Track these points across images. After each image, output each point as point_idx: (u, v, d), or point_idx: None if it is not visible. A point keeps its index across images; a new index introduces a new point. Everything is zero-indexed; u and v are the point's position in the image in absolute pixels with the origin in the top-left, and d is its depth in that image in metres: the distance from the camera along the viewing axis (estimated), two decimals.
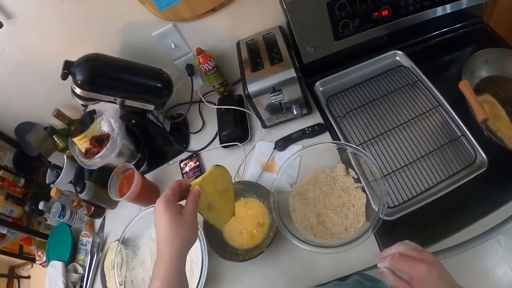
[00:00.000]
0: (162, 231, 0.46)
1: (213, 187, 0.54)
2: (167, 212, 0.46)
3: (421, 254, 0.45)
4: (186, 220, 0.47)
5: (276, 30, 0.82)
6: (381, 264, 0.49)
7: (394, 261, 0.46)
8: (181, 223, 0.46)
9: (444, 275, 0.44)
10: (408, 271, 0.44)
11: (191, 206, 0.49)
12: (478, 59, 0.78)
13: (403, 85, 0.79)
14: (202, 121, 0.93)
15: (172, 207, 0.47)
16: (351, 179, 0.69)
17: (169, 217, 0.46)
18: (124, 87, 0.78)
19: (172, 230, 0.45)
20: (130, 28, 0.81)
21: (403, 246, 0.48)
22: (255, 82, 0.72)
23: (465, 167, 0.69)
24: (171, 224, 0.45)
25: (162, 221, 0.46)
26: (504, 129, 0.74)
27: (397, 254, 0.47)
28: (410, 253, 0.46)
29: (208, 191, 0.53)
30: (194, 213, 0.49)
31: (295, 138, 0.79)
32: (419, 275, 0.43)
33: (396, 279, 0.46)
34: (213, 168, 0.55)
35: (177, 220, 0.46)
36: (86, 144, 0.86)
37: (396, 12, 0.79)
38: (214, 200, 0.55)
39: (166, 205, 0.47)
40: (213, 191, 0.54)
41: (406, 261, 0.45)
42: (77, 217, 0.91)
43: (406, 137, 0.73)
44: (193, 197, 0.49)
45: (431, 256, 0.45)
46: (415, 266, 0.44)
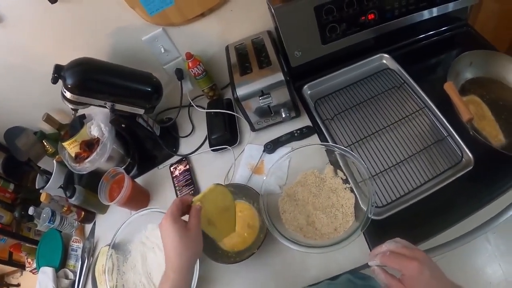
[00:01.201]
0: (170, 243, 0.49)
1: (213, 204, 0.57)
2: (175, 227, 0.49)
3: (413, 252, 0.45)
4: (193, 235, 0.50)
5: (264, 34, 0.83)
6: (372, 262, 0.49)
7: (385, 259, 0.46)
8: (189, 238, 0.50)
9: (435, 272, 0.44)
10: (399, 269, 0.44)
11: (194, 221, 0.52)
12: (463, 61, 0.80)
13: (389, 88, 0.81)
14: (191, 125, 0.94)
15: (179, 222, 0.50)
16: (340, 180, 0.70)
17: (177, 231, 0.49)
18: (114, 91, 0.78)
19: (181, 243, 0.49)
20: (120, 33, 0.82)
21: (394, 244, 0.48)
22: (244, 86, 0.72)
23: (451, 167, 0.70)
24: (180, 238, 0.49)
25: (170, 235, 0.49)
26: (489, 129, 0.75)
27: (388, 252, 0.47)
28: (401, 251, 0.46)
29: (208, 207, 0.55)
30: (198, 227, 0.52)
31: (284, 141, 0.79)
32: (410, 273, 0.43)
33: (387, 277, 0.46)
34: (213, 186, 0.57)
35: (185, 234, 0.49)
36: (76, 149, 0.86)
37: (383, 16, 0.80)
38: (213, 216, 0.58)
39: (173, 220, 0.50)
40: (213, 208, 0.57)
41: (397, 258, 0.45)
42: (67, 222, 0.91)
43: (394, 138, 0.75)
44: (195, 212, 0.53)
45: (422, 254, 0.46)
46: (406, 263, 0.44)
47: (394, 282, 0.45)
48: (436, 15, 0.84)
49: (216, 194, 0.57)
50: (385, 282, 0.47)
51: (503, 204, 0.81)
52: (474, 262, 1.30)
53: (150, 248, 0.77)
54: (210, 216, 0.57)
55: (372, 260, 0.49)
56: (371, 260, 0.49)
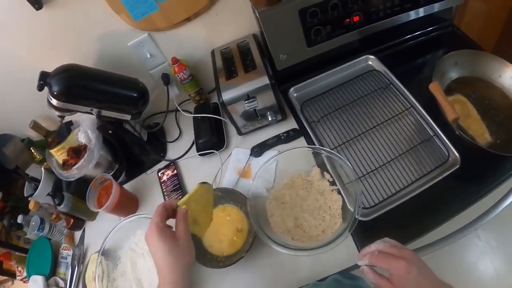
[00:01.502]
0: (161, 259, 0.46)
1: (197, 203, 0.55)
2: (162, 240, 0.46)
3: (401, 251, 0.46)
4: (182, 244, 0.47)
5: (250, 38, 0.83)
6: (361, 262, 0.49)
7: (373, 258, 0.46)
8: (178, 249, 0.46)
9: (424, 271, 0.44)
10: (387, 268, 0.45)
11: (182, 228, 0.49)
12: (448, 61, 0.81)
13: (376, 89, 0.81)
14: (179, 129, 0.93)
15: (166, 233, 0.47)
16: (327, 182, 0.70)
17: (165, 245, 0.46)
18: (100, 97, 0.77)
19: (171, 257, 0.46)
20: (106, 38, 0.81)
21: (383, 244, 0.48)
22: (229, 90, 0.72)
23: (438, 166, 0.70)
24: (169, 251, 0.46)
25: (159, 250, 0.46)
26: (475, 127, 0.76)
27: (376, 252, 0.47)
28: (389, 250, 0.46)
29: (193, 207, 0.54)
30: (187, 234, 0.49)
31: (271, 144, 0.79)
32: (398, 272, 0.43)
33: (376, 277, 0.46)
34: (198, 186, 0.56)
35: (174, 246, 0.46)
36: (63, 156, 0.85)
37: (367, 18, 0.81)
38: (198, 214, 0.56)
39: (159, 233, 0.46)
40: (198, 207, 0.55)
41: (385, 258, 0.45)
42: (56, 229, 0.90)
43: (380, 139, 0.75)
44: (182, 217, 0.50)
45: (410, 253, 0.46)
46: (394, 263, 0.44)
47: (382, 281, 0.45)
48: (421, 15, 0.85)
49: (200, 192, 0.56)
50: (374, 282, 0.47)
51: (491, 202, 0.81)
52: (465, 259, 1.31)
53: (140, 254, 0.77)
54: (195, 216, 0.55)
55: (361, 260, 0.49)
56: (360, 260, 0.49)
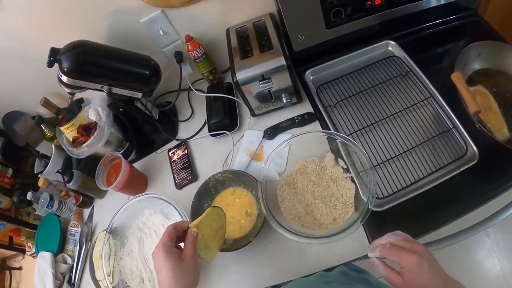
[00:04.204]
0: (164, 279, 0.46)
1: (209, 227, 0.55)
2: (168, 260, 0.46)
3: (412, 245, 0.45)
4: (187, 266, 0.47)
5: (266, 17, 0.80)
6: (371, 254, 0.49)
7: (384, 251, 0.46)
8: (183, 270, 0.46)
9: (434, 266, 0.44)
10: (398, 262, 0.44)
11: (190, 250, 0.48)
12: (471, 51, 0.77)
13: (394, 76, 0.78)
14: (191, 109, 0.92)
15: (172, 253, 0.47)
16: (340, 169, 0.69)
17: (170, 264, 0.46)
18: (111, 74, 0.76)
19: (174, 277, 0.45)
20: (118, 15, 0.79)
21: (394, 237, 0.48)
22: (244, 70, 0.70)
23: (455, 160, 0.68)
24: (173, 272, 0.45)
25: (163, 268, 0.46)
26: (494, 121, 0.73)
27: (387, 244, 0.47)
28: (401, 244, 0.46)
29: (205, 231, 0.53)
30: (194, 257, 0.49)
31: (284, 127, 0.77)
32: (409, 266, 0.43)
33: (386, 269, 0.46)
34: (210, 210, 0.56)
35: (179, 267, 0.46)
36: (73, 133, 0.85)
37: (390, 1, 0.77)
38: (209, 239, 0.55)
39: (166, 252, 0.47)
40: (209, 231, 0.55)
41: (397, 251, 0.45)
42: (65, 207, 0.90)
43: (397, 128, 0.73)
44: (192, 240, 0.49)
45: (422, 247, 0.45)
46: (405, 256, 0.44)
47: (393, 274, 0.45)
48: (444, 2, 0.81)
49: (212, 216, 0.56)
50: (384, 274, 0.46)
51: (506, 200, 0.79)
52: (473, 256, 1.30)
53: (148, 234, 0.77)
54: (207, 240, 0.54)
55: (372, 252, 0.49)
56: (371, 252, 0.49)
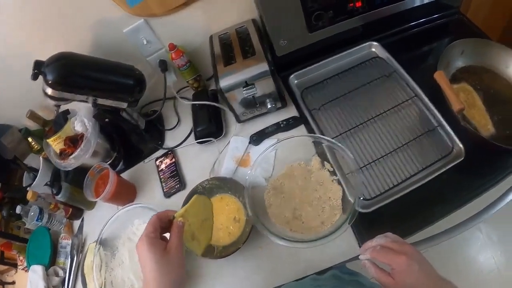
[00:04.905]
0: (149, 271, 0.43)
1: (196, 217, 0.53)
2: (152, 251, 0.43)
3: (402, 246, 0.46)
4: (172, 258, 0.44)
5: (249, 23, 0.80)
6: (362, 256, 0.49)
7: (375, 253, 0.47)
8: (168, 262, 0.44)
9: (424, 266, 0.44)
10: (389, 263, 0.45)
11: (176, 241, 0.46)
12: (454, 49, 0.78)
13: (379, 77, 0.79)
14: (177, 117, 0.92)
15: (156, 245, 0.44)
16: (327, 172, 0.69)
17: (154, 256, 0.43)
18: (95, 85, 0.76)
19: (158, 271, 0.43)
20: (101, 25, 0.79)
21: (384, 239, 0.48)
22: (228, 77, 0.70)
23: (442, 158, 0.69)
24: (157, 264, 0.43)
25: (147, 260, 0.43)
26: (478, 117, 0.74)
27: (378, 247, 0.47)
28: (391, 245, 0.46)
29: (191, 221, 0.51)
30: (180, 248, 0.46)
31: (270, 132, 0.78)
32: (399, 267, 0.44)
33: (377, 271, 0.47)
34: (196, 198, 0.54)
35: (163, 260, 0.44)
36: (60, 145, 0.84)
37: (371, 3, 0.78)
38: (196, 229, 0.53)
39: (149, 243, 0.44)
40: (196, 221, 0.53)
41: (387, 253, 0.45)
42: (55, 219, 0.89)
43: (383, 129, 0.73)
44: (177, 230, 0.47)
45: (411, 248, 0.46)
46: (395, 258, 0.44)
47: (384, 276, 0.45)
48: (427, 2, 0.82)
49: (198, 205, 0.54)
50: (375, 276, 0.47)
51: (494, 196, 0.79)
52: (466, 251, 1.30)
53: None
54: (194, 230, 0.52)
55: (363, 255, 0.49)
56: (362, 254, 0.49)
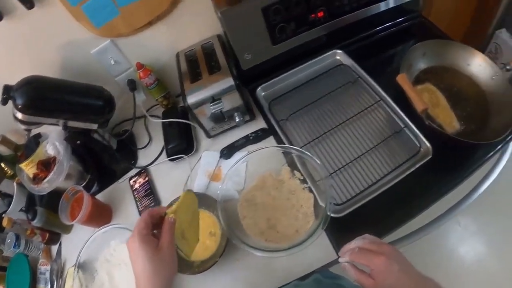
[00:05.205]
0: (141, 268, 0.43)
1: (185, 214, 0.52)
2: (144, 249, 0.43)
3: (381, 247, 0.46)
4: (164, 255, 0.44)
5: (214, 39, 0.82)
6: (342, 259, 0.49)
7: (354, 255, 0.47)
8: (160, 260, 0.44)
9: (404, 266, 0.45)
10: (368, 264, 0.45)
11: (167, 238, 0.46)
12: (416, 52, 0.81)
13: (344, 83, 0.81)
14: (148, 136, 0.92)
15: (148, 242, 0.44)
16: (297, 180, 0.70)
17: (146, 254, 0.43)
18: (65, 108, 0.75)
19: (151, 269, 0.43)
20: (69, 47, 0.79)
21: (362, 240, 0.49)
22: (195, 93, 0.71)
23: (410, 157, 0.70)
24: (149, 262, 0.43)
25: (138, 257, 0.43)
26: (443, 116, 0.77)
27: (356, 249, 0.47)
28: (369, 247, 0.47)
29: (182, 218, 0.50)
30: (171, 245, 0.46)
31: (240, 145, 0.78)
32: (379, 267, 0.44)
33: (357, 273, 0.47)
34: (185, 194, 0.53)
35: (155, 257, 0.43)
36: (33, 170, 0.83)
37: (333, 12, 0.80)
38: (186, 227, 0.52)
39: (141, 241, 0.44)
40: (185, 219, 0.52)
41: (366, 254, 0.46)
42: (32, 245, 0.88)
43: (351, 134, 0.75)
44: (169, 227, 0.47)
45: (390, 248, 0.46)
46: (374, 259, 0.44)
47: (363, 277, 0.46)
48: (388, 8, 0.84)
49: (187, 202, 0.53)
50: (355, 278, 0.47)
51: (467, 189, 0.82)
52: (445, 245, 1.32)
53: (116, 265, 0.75)
54: (183, 228, 0.51)
55: (342, 257, 0.49)
56: (341, 258, 0.50)
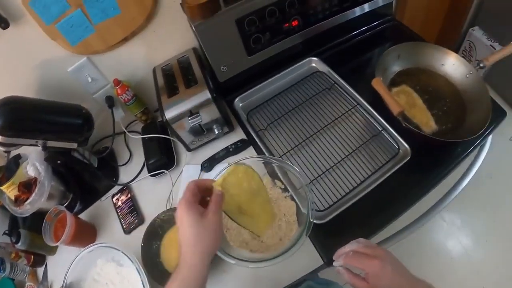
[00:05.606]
0: (183, 234, 0.44)
1: (238, 188, 0.51)
2: (189, 214, 0.44)
3: (374, 250, 0.47)
4: (208, 222, 0.44)
5: (190, 52, 0.82)
6: (336, 263, 0.50)
7: (348, 259, 0.48)
8: (203, 226, 0.44)
9: (398, 268, 0.46)
10: (362, 268, 0.46)
11: (213, 207, 0.46)
12: (390, 55, 0.82)
13: (320, 90, 0.82)
14: (129, 152, 0.91)
15: (193, 209, 0.44)
16: (279, 189, 0.70)
17: (191, 219, 0.44)
18: (44, 128, 0.74)
19: (194, 234, 0.43)
20: (45, 66, 0.79)
21: (356, 244, 0.50)
22: (172, 108, 0.71)
23: (390, 159, 0.72)
24: (192, 227, 0.44)
25: (183, 224, 0.44)
26: (419, 116, 0.78)
27: (350, 252, 0.48)
28: (363, 250, 0.48)
29: (234, 192, 0.50)
30: (217, 214, 0.46)
31: (220, 157, 0.79)
32: (373, 271, 0.45)
33: (351, 277, 0.48)
34: (234, 167, 0.52)
35: (199, 223, 0.44)
36: (14, 191, 0.82)
37: (306, 21, 0.81)
38: (244, 202, 0.52)
39: (187, 207, 0.44)
40: (241, 193, 0.51)
41: (360, 258, 0.47)
42: (18, 268, 0.86)
43: (329, 140, 0.76)
44: (216, 198, 0.47)
45: (384, 251, 0.47)
46: (368, 262, 0.45)
47: (358, 281, 0.47)
48: (361, 13, 0.86)
49: (238, 175, 0.52)
50: (350, 282, 0.48)
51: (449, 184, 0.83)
52: (433, 241, 1.34)
53: (104, 285, 0.75)
54: (240, 203, 0.51)
55: (336, 261, 0.50)
56: (335, 261, 0.50)
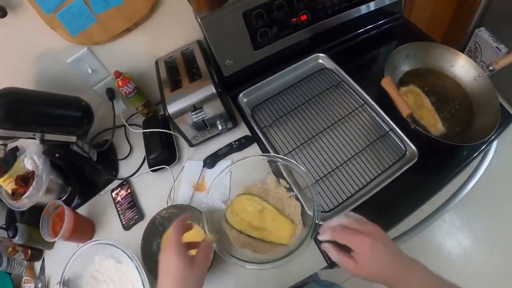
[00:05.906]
0: (170, 275, 0.44)
1: (245, 211, 0.64)
2: (179, 258, 0.45)
3: (365, 226, 0.43)
4: (196, 269, 0.45)
5: (194, 45, 0.80)
6: (321, 236, 0.46)
7: (335, 234, 0.44)
8: (191, 271, 0.45)
9: (389, 246, 0.42)
10: (350, 245, 0.42)
11: (202, 255, 0.48)
12: (399, 54, 0.80)
13: (327, 87, 0.80)
14: (129, 145, 0.88)
15: (184, 254, 0.46)
16: (284, 189, 0.68)
17: (180, 263, 0.44)
18: (42, 121, 0.72)
19: (181, 278, 0.44)
20: (44, 57, 0.76)
21: (346, 218, 0.45)
22: (175, 102, 0.69)
23: (397, 161, 0.70)
24: (181, 271, 0.44)
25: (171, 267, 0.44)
26: (427, 117, 0.76)
27: (338, 227, 0.44)
28: (352, 225, 0.44)
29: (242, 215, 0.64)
30: (204, 263, 0.48)
31: (223, 154, 0.77)
32: (361, 249, 0.41)
33: (338, 255, 0.43)
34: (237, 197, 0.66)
35: (187, 268, 0.45)
36: (12, 185, 0.80)
37: (315, 16, 0.79)
38: (254, 220, 0.64)
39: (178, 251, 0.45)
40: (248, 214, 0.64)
41: (348, 234, 0.43)
42: (15, 263, 0.85)
43: (335, 139, 0.74)
44: (205, 246, 0.50)
45: (375, 228, 0.43)
46: (357, 239, 0.41)
47: (345, 258, 0.43)
48: (370, 10, 0.84)
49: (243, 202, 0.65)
50: (336, 259, 0.44)
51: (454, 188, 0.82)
52: (432, 241, 1.34)
53: (102, 281, 0.73)
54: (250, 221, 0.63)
55: (323, 235, 0.46)
56: (321, 235, 0.46)
